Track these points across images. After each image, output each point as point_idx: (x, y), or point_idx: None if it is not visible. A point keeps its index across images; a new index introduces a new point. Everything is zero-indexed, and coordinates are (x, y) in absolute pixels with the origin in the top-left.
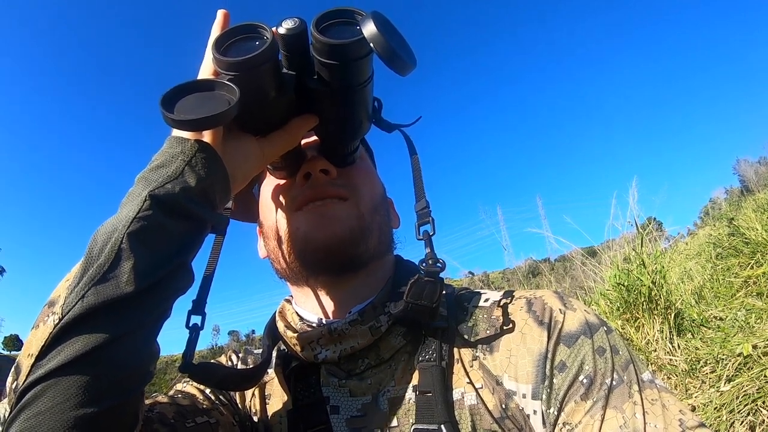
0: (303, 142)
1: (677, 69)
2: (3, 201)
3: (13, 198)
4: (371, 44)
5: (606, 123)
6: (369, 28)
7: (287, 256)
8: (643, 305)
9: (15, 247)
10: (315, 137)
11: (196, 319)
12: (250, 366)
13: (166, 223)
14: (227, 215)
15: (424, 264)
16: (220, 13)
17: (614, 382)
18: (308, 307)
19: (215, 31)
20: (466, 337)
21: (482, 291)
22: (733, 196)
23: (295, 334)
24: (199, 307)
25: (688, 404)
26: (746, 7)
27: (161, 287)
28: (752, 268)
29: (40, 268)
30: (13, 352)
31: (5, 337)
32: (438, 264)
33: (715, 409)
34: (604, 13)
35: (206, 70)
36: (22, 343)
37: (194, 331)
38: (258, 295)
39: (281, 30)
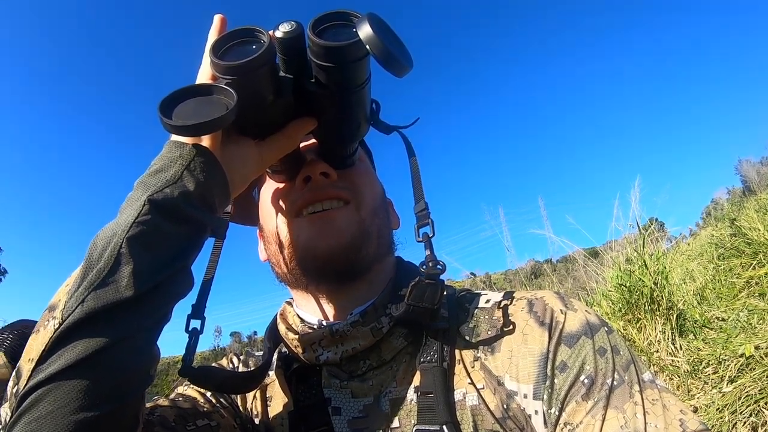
0: (302, 145)
1: (678, 69)
2: (5, 202)
3: (15, 199)
4: (367, 46)
5: (608, 124)
6: (365, 30)
7: (288, 262)
8: (645, 306)
9: (17, 249)
10: (314, 140)
11: (195, 324)
12: (251, 368)
13: (165, 227)
14: (226, 219)
15: (424, 266)
16: (217, 18)
17: (615, 383)
18: (309, 310)
19: (212, 35)
20: (467, 338)
21: (483, 292)
22: (735, 196)
23: (297, 336)
24: (198, 311)
25: (690, 405)
26: (750, 6)
27: (161, 291)
28: (754, 268)
29: (42, 269)
30: None
31: None
32: (438, 266)
33: (717, 410)
34: (604, 13)
35: (204, 74)
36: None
37: (193, 335)
38: (260, 296)
39: (278, 33)
